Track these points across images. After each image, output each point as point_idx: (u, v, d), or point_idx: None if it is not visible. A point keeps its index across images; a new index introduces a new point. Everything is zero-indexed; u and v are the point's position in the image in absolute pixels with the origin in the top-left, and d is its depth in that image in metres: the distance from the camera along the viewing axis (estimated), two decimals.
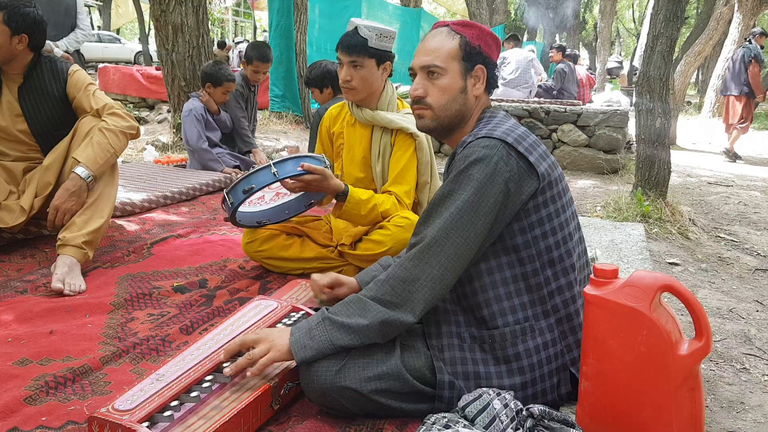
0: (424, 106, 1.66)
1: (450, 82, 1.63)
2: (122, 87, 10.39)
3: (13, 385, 1.72)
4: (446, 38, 1.64)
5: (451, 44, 1.63)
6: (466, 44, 1.63)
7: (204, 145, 4.50)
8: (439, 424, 1.37)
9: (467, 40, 1.63)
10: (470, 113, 1.68)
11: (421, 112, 1.68)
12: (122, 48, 22.83)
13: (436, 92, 1.64)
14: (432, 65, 1.63)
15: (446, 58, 1.63)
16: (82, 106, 2.74)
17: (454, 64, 1.63)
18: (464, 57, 1.63)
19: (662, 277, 1.36)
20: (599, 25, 18.22)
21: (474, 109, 1.68)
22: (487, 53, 1.66)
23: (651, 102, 4.60)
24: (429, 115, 1.67)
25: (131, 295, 2.38)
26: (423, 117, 1.68)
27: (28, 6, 2.60)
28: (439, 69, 1.63)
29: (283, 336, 1.54)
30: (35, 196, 2.67)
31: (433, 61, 1.63)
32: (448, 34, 1.65)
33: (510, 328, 1.55)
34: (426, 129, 1.71)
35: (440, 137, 1.74)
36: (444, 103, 1.64)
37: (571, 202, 1.66)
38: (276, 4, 8.70)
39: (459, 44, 1.63)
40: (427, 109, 1.66)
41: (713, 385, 2.14)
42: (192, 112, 4.49)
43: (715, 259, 3.88)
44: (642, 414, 1.37)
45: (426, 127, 1.70)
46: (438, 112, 1.66)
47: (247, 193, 2.16)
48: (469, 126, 1.69)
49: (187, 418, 1.43)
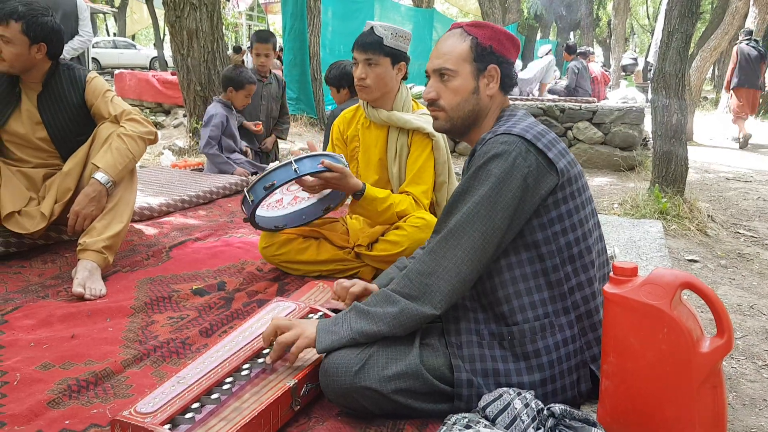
0: (438, 108, 1.70)
1: (461, 83, 1.65)
2: (138, 92, 10.47)
3: (36, 389, 1.74)
4: (458, 40, 1.67)
5: (462, 46, 1.66)
6: (477, 45, 1.65)
7: (211, 150, 4.52)
8: (460, 425, 1.36)
9: (478, 41, 1.65)
10: (485, 113, 1.69)
11: (435, 113, 1.72)
12: (137, 54, 23.03)
13: (448, 94, 1.67)
14: (443, 68, 1.66)
15: (457, 61, 1.65)
16: (101, 113, 2.76)
17: (465, 66, 1.65)
18: (476, 58, 1.65)
19: (682, 275, 1.35)
20: (613, 21, 18.08)
21: (489, 109, 1.69)
22: (501, 52, 1.66)
23: (667, 98, 4.56)
24: (442, 116, 1.71)
25: (151, 298, 2.40)
26: (437, 119, 1.73)
27: (46, 15, 2.63)
28: (450, 71, 1.66)
29: (312, 324, 1.60)
30: (55, 202, 2.70)
31: (444, 64, 1.66)
32: (460, 36, 1.68)
33: (529, 324, 1.55)
34: (441, 130, 1.75)
35: (457, 137, 1.77)
36: (456, 104, 1.67)
37: (591, 200, 1.66)
38: (289, 8, 8.73)
39: (470, 46, 1.65)
40: (441, 111, 1.70)
41: (735, 382, 2.12)
42: (213, 118, 4.52)
43: (735, 256, 3.84)
44: (664, 412, 1.36)
45: (441, 128, 1.74)
46: (451, 114, 1.69)
47: (267, 189, 2.17)
48: (486, 125, 1.70)
49: (208, 420, 1.44)
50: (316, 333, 1.57)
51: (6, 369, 1.84)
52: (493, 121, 1.69)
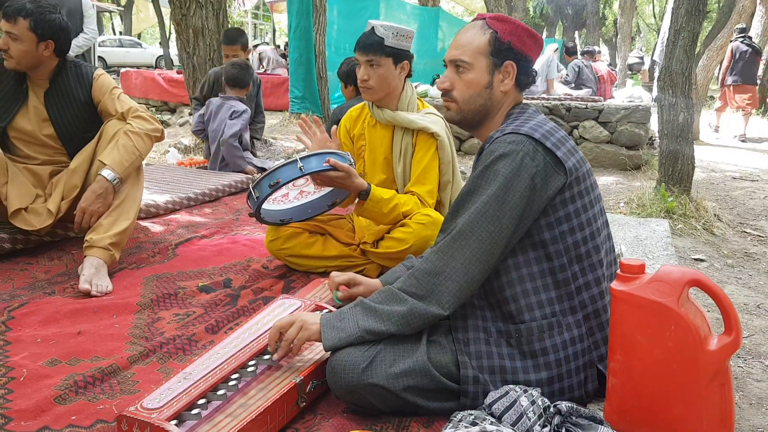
0: (451, 99, 1.70)
1: (475, 77, 1.64)
2: (144, 91, 10.51)
3: (43, 385, 1.74)
4: (478, 33, 1.65)
5: (481, 39, 1.64)
6: (496, 40, 1.63)
7: (235, 143, 4.58)
8: (466, 421, 1.36)
9: (498, 35, 1.63)
10: (496, 108, 1.68)
11: (447, 104, 1.72)
12: (143, 52, 23.07)
13: (461, 86, 1.67)
14: (459, 60, 1.65)
15: (474, 53, 1.64)
16: (107, 110, 2.77)
17: (481, 60, 1.64)
18: (492, 52, 1.63)
19: (690, 272, 1.35)
20: (619, 20, 18.05)
21: (501, 105, 1.68)
22: (520, 49, 1.64)
23: (674, 97, 4.55)
24: (454, 108, 1.70)
25: (157, 295, 2.40)
26: (449, 109, 1.72)
27: (54, 12, 2.64)
28: (465, 64, 1.65)
29: (314, 316, 1.60)
30: (62, 199, 2.71)
31: (460, 55, 1.65)
32: (480, 29, 1.66)
33: (537, 323, 1.55)
34: (452, 121, 1.75)
35: (467, 129, 1.77)
36: (468, 97, 1.66)
37: (600, 198, 1.65)
38: (295, 7, 8.73)
39: (489, 39, 1.63)
40: (453, 102, 1.70)
41: (741, 382, 2.11)
42: (244, 114, 4.61)
43: (742, 255, 3.83)
44: (671, 410, 1.35)
45: (452, 120, 1.74)
46: (462, 106, 1.68)
47: (272, 187, 2.18)
48: (496, 120, 1.69)
49: (215, 416, 1.44)
50: (320, 327, 1.56)
51: (13, 365, 1.84)
52: (503, 118, 1.69)
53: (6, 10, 2.55)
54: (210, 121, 4.69)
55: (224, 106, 4.63)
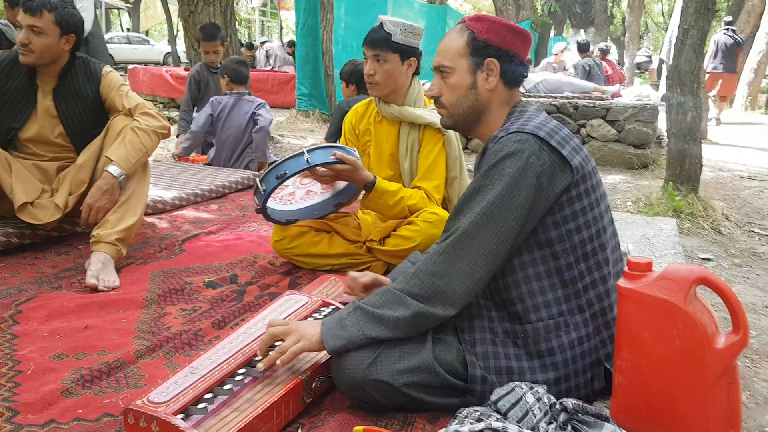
0: (440, 105, 1.71)
1: (458, 79, 1.66)
2: (151, 88, 10.53)
3: (50, 378, 1.75)
4: (456, 36, 1.67)
5: (460, 41, 1.65)
6: (473, 39, 1.64)
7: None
8: (472, 418, 1.36)
9: (474, 35, 1.63)
10: (486, 108, 1.67)
11: (439, 111, 1.74)
12: (151, 49, 23.15)
13: (447, 91, 1.68)
14: (442, 65, 1.67)
15: (454, 57, 1.65)
16: (115, 106, 2.78)
17: (462, 62, 1.65)
18: (472, 53, 1.64)
19: (697, 270, 1.34)
20: (627, 19, 17.99)
21: (491, 104, 1.67)
22: (500, 45, 1.63)
23: (682, 96, 4.53)
24: (445, 113, 1.72)
25: (164, 290, 2.41)
26: (442, 115, 1.74)
27: (72, 7, 2.66)
28: (447, 68, 1.66)
29: (313, 326, 1.55)
30: (69, 194, 2.71)
31: (442, 60, 1.67)
32: (459, 32, 1.67)
33: (544, 323, 1.54)
34: (446, 126, 1.76)
35: (464, 133, 1.78)
36: (455, 100, 1.68)
37: (605, 196, 1.64)
38: (302, 4, 8.73)
39: (466, 41, 1.64)
40: (443, 108, 1.71)
41: (748, 381, 2.11)
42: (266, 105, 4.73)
43: (749, 255, 3.81)
44: (678, 408, 1.35)
45: (445, 125, 1.75)
46: (451, 110, 1.69)
47: (280, 179, 2.18)
48: (492, 121, 1.68)
49: (221, 410, 1.45)
50: (320, 337, 1.51)
51: (20, 358, 1.85)
52: (502, 118, 1.68)
53: (29, 4, 2.56)
54: (223, 118, 4.66)
55: (241, 103, 4.65)
